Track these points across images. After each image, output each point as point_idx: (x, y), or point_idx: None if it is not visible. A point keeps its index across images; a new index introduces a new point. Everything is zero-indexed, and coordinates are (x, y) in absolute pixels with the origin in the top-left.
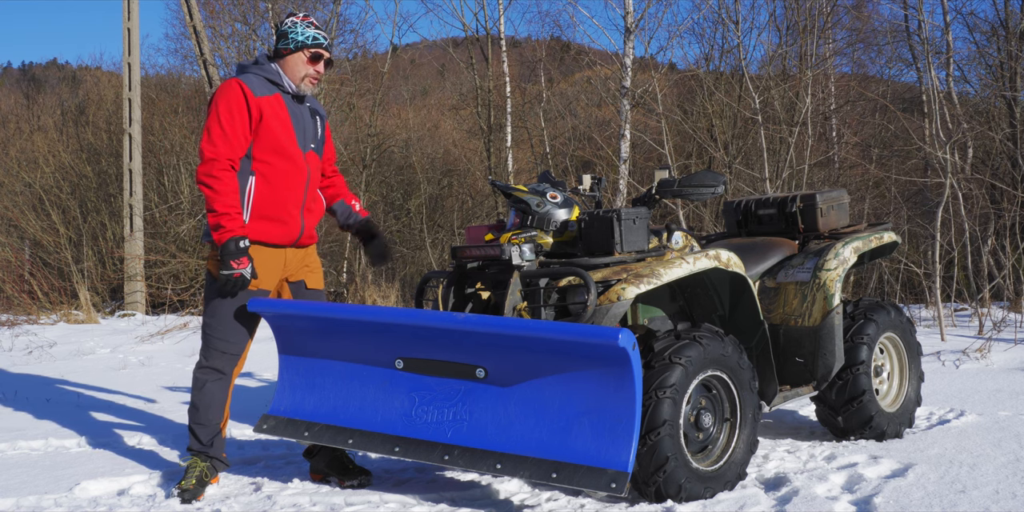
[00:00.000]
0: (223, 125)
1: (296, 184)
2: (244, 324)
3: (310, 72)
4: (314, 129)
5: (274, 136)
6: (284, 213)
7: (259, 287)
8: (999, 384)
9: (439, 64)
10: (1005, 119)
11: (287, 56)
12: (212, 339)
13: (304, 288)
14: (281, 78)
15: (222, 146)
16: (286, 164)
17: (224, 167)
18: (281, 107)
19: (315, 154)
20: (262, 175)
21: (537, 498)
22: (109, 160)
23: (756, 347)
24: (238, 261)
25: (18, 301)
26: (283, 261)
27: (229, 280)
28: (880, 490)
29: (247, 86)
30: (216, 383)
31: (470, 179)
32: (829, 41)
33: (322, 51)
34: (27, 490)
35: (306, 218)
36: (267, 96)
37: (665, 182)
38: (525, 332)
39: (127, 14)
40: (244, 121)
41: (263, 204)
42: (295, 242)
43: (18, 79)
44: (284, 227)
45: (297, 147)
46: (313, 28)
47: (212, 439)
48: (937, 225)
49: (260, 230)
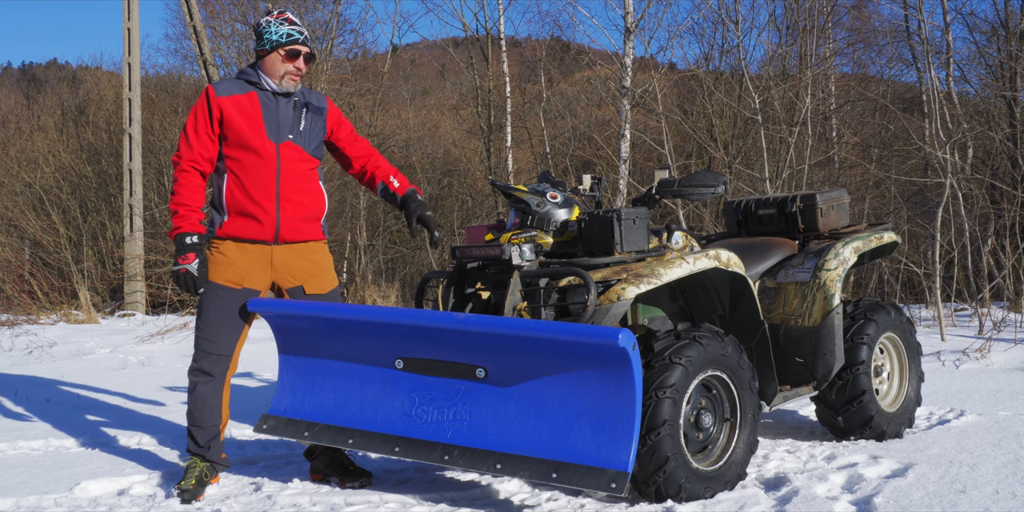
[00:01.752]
0: (187, 130)
1: (265, 176)
2: (231, 325)
3: (289, 69)
4: (296, 120)
5: (237, 130)
6: (255, 208)
7: (244, 286)
8: (999, 384)
9: (439, 64)
10: (1005, 119)
11: (264, 57)
12: (200, 340)
13: (302, 294)
14: (259, 77)
15: (183, 149)
16: (252, 157)
17: (183, 168)
18: (252, 104)
19: (295, 145)
20: (233, 172)
21: (537, 498)
22: (109, 160)
23: (756, 347)
24: (184, 256)
25: (18, 301)
26: (268, 259)
27: (177, 275)
28: (880, 490)
29: (213, 88)
30: (206, 385)
31: (470, 179)
32: (829, 41)
33: (297, 47)
34: (27, 490)
35: (284, 210)
36: (235, 95)
37: (665, 182)
38: (525, 332)
39: (127, 14)
40: (206, 123)
41: (236, 200)
42: (275, 237)
43: (18, 79)
44: (256, 223)
45: (266, 139)
46: (288, 25)
47: (209, 442)
48: (937, 225)
49: (237, 227)
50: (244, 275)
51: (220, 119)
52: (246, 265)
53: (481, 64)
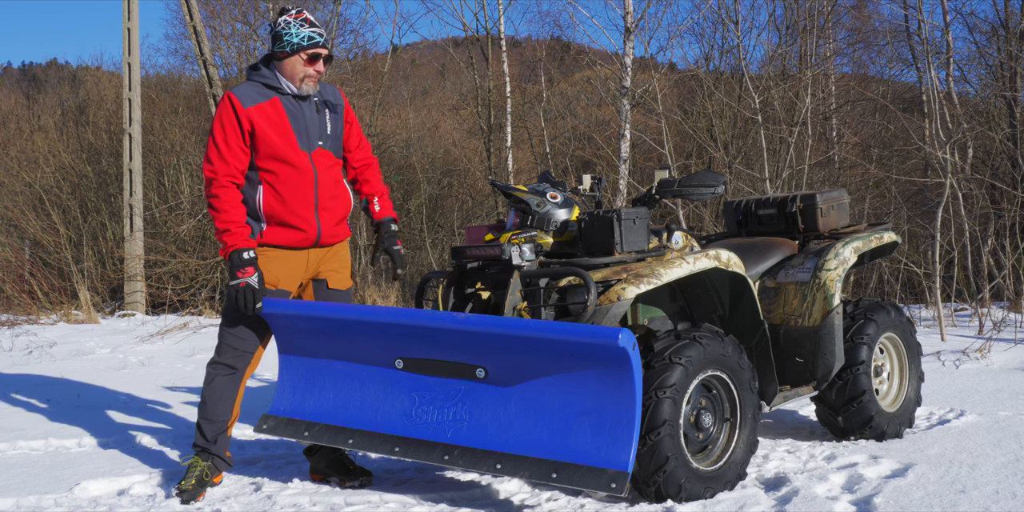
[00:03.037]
0: (217, 143)
1: (303, 187)
2: (261, 325)
3: (309, 73)
4: (322, 124)
5: (270, 143)
6: (296, 219)
7: (279, 287)
8: (999, 384)
9: (439, 64)
10: (1005, 119)
11: (284, 59)
12: (227, 335)
13: (325, 288)
14: (279, 81)
15: (218, 164)
16: (288, 169)
17: (222, 184)
18: (277, 112)
19: (326, 150)
20: (269, 183)
21: (537, 498)
22: (109, 160)
23: (756, 347)
24: (243, 270)
25: (18, 301)
26: (305, 262)
27: (236, 290)
28: (880, 490)
29: (237, 98)
30: (227, 378)
31: (470, 179)
32: (829, 41)
33: (319, 50)
34: (27, 490)
35: (323, 218)
36: (260, 104)
37: (665, 182)
38: (525, 332)
39: (127, 14)
40: (237, 135)
41: (275, 212)
42: (315, 243)
43: (18, 79)
44: (300, 232)
45: (299, 149)
46: (308, 26)
47: (217, 436)
48: (937, 225)
49: (278, 236)
50: (279, 277)
51: (251, 131)
52: (282, 268)
53: (481, 64)
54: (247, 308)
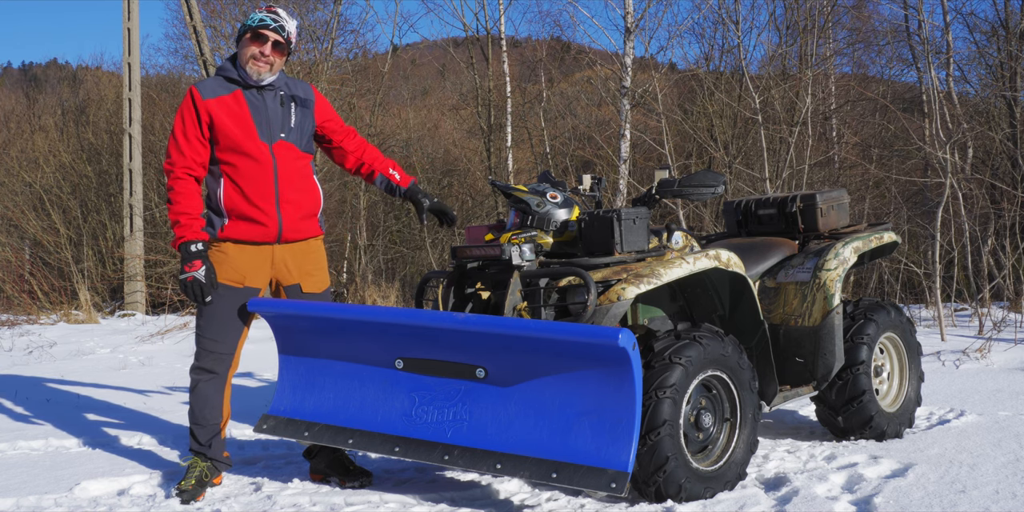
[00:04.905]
0: (176, 136)
1: (263, 179)
2: (233, 324)
3: (254, 52)
4: (285, 117)
5: (229, 135)
6: (256, 211)
7: (246, 284)
8: (999, 384)
9: (439, 64)
10: (1005, 119)
11: (239, 46)
12: (202, 339)
13: (299, 293)
14: (237, 70)
15: (175, 156)
16: (248, 161)
17: (177, 176)
18: (239, 103)
19: (289, 143)
20: (229, 176)
21: (537, 498)
22: (109, 160)
23: (756, 347)
24: (190, 264)
25: (18, 301)
26: (270, 258)
27: (185, 284)
28: (880, 490)
29: (197, 91)
30: (208, 383)
31: (470, 179)
32: (829, 41)
33: (265, 32)
34: (27, 490)
35: (285, 211)
36: (221, 96)
37: (665, 182)
38: (525, 332)
39: (127, 14)
40: (195, 128)
41: (236, 205)
42: (278, 238)
43: (18, 79)
44: (260, 226)
45: (259, 141)
46: (266, 12)
47: (210, 440)
48: (937, 225)
49: (238, 230)
50: (245, 274)
51: (210, 123)
52: (247, 264)
53: (481, 64)
54: (197, 301)
